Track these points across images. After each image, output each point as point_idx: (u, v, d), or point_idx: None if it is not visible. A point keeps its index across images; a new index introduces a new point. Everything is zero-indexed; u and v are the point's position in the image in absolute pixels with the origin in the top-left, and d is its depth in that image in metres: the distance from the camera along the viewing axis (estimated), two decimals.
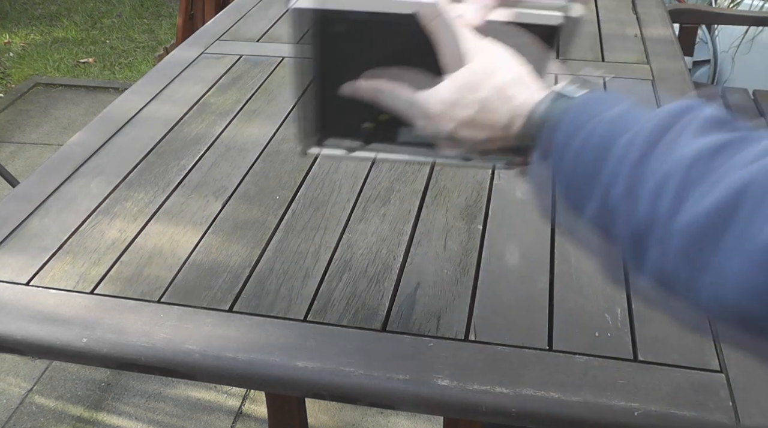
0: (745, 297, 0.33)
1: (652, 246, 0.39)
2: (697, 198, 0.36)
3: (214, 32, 1.37)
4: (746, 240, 0.33)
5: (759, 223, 0.33)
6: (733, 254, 0.34)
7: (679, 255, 0.37)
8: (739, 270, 0.33)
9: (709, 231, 0.35)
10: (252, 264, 0.78)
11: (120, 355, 0.67)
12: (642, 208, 0.39)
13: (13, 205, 0.88)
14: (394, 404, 0.64)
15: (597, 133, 0.45)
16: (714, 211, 0.35)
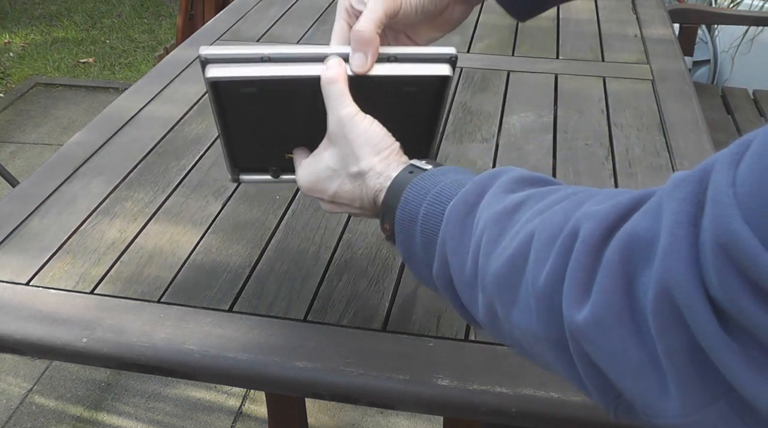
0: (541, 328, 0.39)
1: (479, 294, 0.45)
2: (500, 251, 0.42)
3: (214, 32, 1.37)
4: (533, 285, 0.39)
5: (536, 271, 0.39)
6: (528, 294, 0.39)
7: (494, 296, 0.43)
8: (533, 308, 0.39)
9: (509, 279, 0.41)
10: (252, 264, 0.78)
11: (120, 355, 0.67)
12: (468, 262, 0.45)
13: (13, 205, 0.88)
14: (394, 404, 0.64)
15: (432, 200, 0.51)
16: (510, 261, 0.41)
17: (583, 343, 0.36)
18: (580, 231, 0.37)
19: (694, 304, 0.30)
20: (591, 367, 0.37)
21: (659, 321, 0.32)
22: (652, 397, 0.34)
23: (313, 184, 0.62)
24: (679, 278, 0.31)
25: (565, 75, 1.20)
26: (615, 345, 0.34)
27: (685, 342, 0.31)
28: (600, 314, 0.34)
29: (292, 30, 1.38)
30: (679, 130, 1.03)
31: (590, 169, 0.94)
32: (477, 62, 1.24)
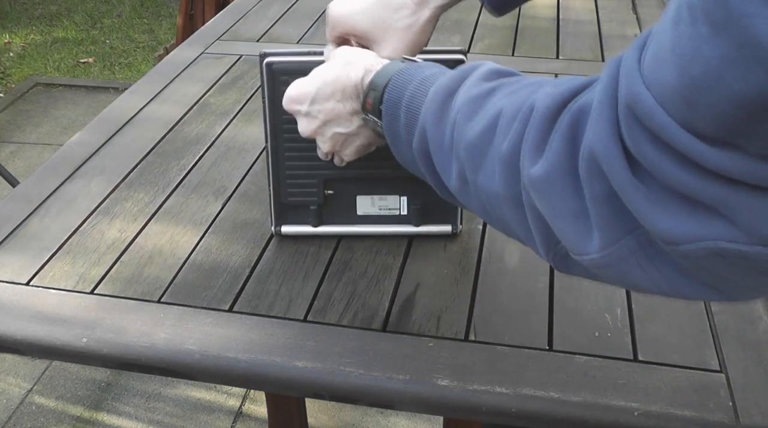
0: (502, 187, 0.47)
1: (453, 162, 0.52)
2: (473, 125, 0.50)
3: (214, 32, 1.37)
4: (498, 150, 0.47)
5: (501, 139, 0.47)
6: (493, 159, 0.47)
7: (465, 163, 0.50)
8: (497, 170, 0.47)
9: (479, 147, 0.49)
10: (252, 264, 0.78)
11: (120, 355, 0.67)
12: (446, 135, 0.53)
13: (13, 205, 0.88)
14: (394, 404, 0.64)
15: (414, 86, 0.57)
16: (481, 132, 0.49)
17: (533, 195, 0.44)
18: (536, 105, 0.44)
19: (610, 157, 0.38)
20: (538, 218, 0.45)
21: (586, 174, 0.40)
22: (581, 239, 0.42)
23: (297, 90, 0.66)
24: (601, 136, 0.38)
25: (565, 75, 1.20)
26: (558, 194, 0.42)
27: (604, 190, 0.39)
28: (548, 168, 0.42)
29: (292, 30, 1.38)
30: None
31: None
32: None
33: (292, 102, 0.67)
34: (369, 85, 0.61)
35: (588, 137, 0.40)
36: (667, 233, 0.37)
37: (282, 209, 0.80)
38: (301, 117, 0.67)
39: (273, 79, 0.73)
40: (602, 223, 0.41)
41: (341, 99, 0.63)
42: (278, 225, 0.81)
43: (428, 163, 0.56)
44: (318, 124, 0.66)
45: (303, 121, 0.67)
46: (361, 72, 0.62)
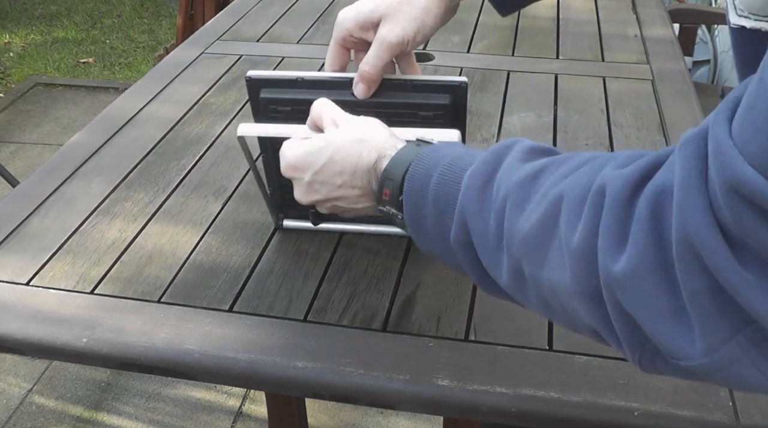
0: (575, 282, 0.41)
1: (504, 256, 0.47)
2: (528, 214, 0.44)
3: (214, 32, 1.37)
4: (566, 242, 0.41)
5: (569, 229, 0.41)
6: (561, 252, 0.42)
7: (522, 257, 0.45)
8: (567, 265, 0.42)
9: (540, 239, 0.43)
10: (252, 264, 0.78)
11: (120, 355, 0.67)
12: (491, 226, 0.47)
13: (13, 205, 0.88)
14: (394, 404, 0.64)
15: (440, 173, 0.52)
16: (540, 222, 0.43)
17: (617, 292, 0.39)
18: (607, 189, 0.40)
19: (711, 247, 0.34)
20: (623, 315, 0.39)
21: (682, 267, 0.35)
22: (679, 340, 0.37)
23: (299, 158, 0.61)
24: (696, 226, 0.34)
25: (565, 75, 1.20)
26: (648, 292, 0.37)
27: (706, 284, 0.35)
28: (635, 264, 0.37)
29: (292, 30, 1.38)
30: (679, 130, 1.03)
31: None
32: (477, 62, 1.24)
33: (292, 169, 0.62)
34: (384, 174, 0.56)
35: (680, 226, 0.35)
36: None
37: (281, 206, 0.81)
38: (300, 184, 0.62)
39: (253, 91, 0.74)
40: (706, 322, 0.36)
41: (350, 180, 0.58)
42: (280, 220, 0.82)
43: (470, 256, 0.51)
44: (320, 196, 0.61)
45: (302, 189, 0.62)
46: (375, 155, 0.57)
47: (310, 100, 0.69)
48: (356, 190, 0.59)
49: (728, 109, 0.34)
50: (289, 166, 0.62)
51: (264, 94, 0.74)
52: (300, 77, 0.72)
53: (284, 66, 1.24)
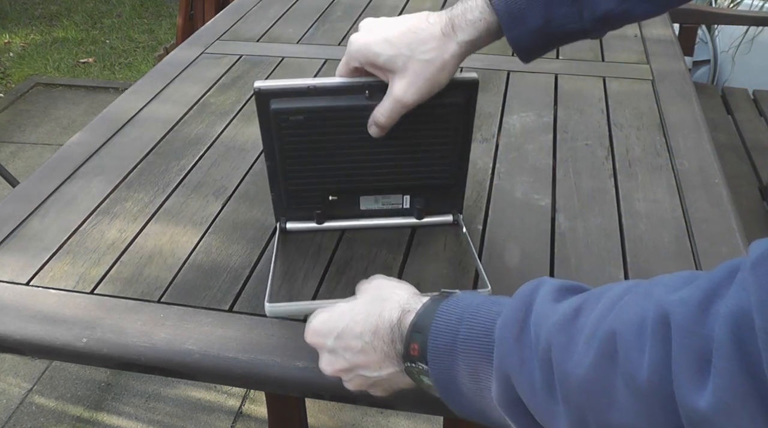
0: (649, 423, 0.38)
1: (560, 407, 0.42)
2: (578, 358, 0.41)
3: (214, 32, 1.37)
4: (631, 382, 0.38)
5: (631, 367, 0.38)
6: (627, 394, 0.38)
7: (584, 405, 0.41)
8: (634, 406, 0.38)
9: (599, 383, 0.40)
10: (252, 264, 0.78)
11: (120, 355, 0.67)
12: (536, 376, 0.43)
13: (13, 205, 0.88)
14: (394, 404, 0.64)
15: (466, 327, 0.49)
16: (594, 365, 0.40)
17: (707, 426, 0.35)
18: (671, 317, 0.36)
19: None
20: None
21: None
22: None
23: (321, 323, 0.59)
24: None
25: (565, 75, 1.20)
26: (744, 426, 0.34)
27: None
28: (724, 398, 0.34)
29: (293, 30, 1.38)
30: (679, 130, 1.03)
31: (590, 169, 0.94)
32: (477, 62, 1.24)
33: (315, 335, 0.59)
34: (412, 328, 0.52)
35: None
36: None
37: (285, 209, 0.81)
38: (324, 353, 0.59)
39: (263, 102, 0.72)
40: None
41: (371, 341, 0.55)
42: (283, 223, 0.82)
43: (520, 412, 0.46)
44: (344, 364, 0.57)
45: (326, 358, 0.59)
46: (397, 312, 0.54)
47: (322, 108, 0.70)
48: (378, 354, 0.55)
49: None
50: (313, 332, 0.59)
51: (275, 104, 0.71)
52: (311, 85, 0.71)
53: (284, 66, 1.24)
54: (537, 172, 0.94)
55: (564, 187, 0.91)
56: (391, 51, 0.64)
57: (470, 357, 0.48)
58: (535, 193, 0.89)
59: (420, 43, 0.63)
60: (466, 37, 0.63)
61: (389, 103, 0.67)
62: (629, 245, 0.80)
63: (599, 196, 0.89)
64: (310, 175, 0.78)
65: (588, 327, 0.41)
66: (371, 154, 0.76)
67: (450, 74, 0.66)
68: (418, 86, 0.64)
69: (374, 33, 0.66)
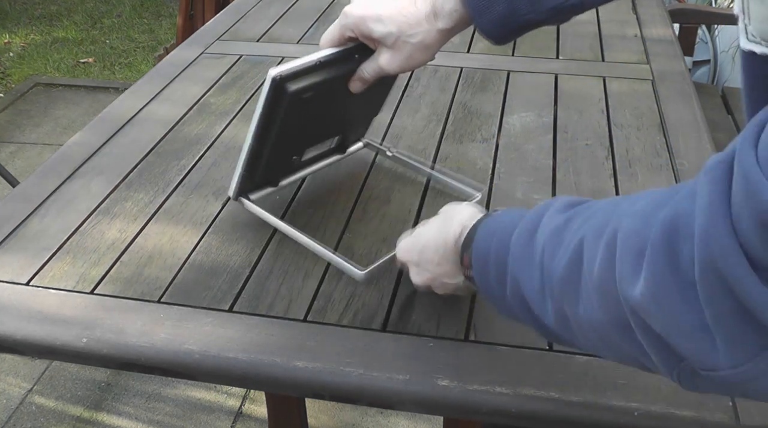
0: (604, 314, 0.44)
1: (548, 302, 0.50)
2: (558, 259, 0.49)
3: (214, 32, 1.38)
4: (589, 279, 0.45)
5: (590, 266, 0.45)
6: (588, 289, 0.45)
7: (562, 299, 0.49)
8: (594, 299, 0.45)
9: (571, 280, 0.47)
10: (252, 264, 0.78)
11: (120, 355, 0.67)
12: (536, 276, 0.51)
13: (13, 205, 0.88)
14: (394, 404, 0.64)
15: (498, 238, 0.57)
16: (568, 265, 0.47)
17: (642, 316, 0.41)
18: (620, 225, 0.43)
19: (737, 272, 0.34)
20: (652, 337, 0.41)
21: (706, 290, 0.36)
22: (706, 355, 0.38)
23: (408, 242, 0.70)
24: (722, 251, 0.35)
25: (565, 75, 1.20)
26: (668, 313, 0.39)
27: (731, 306, 0.36)
28: (651, 288, 0.39)
29: (293, 30, 1.38)
30: (679, 130, 1.03)
31: (590, 169, 0.94)
32: (477, 62, 1.24)
33: (405, 252, 0.70)
34: (463, 242, 0.62)
35: (704, 250, 0.36)
36: None
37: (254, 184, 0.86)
38: (413, 266, 0.69)
39: (278, 88, 0.75)
40: (731, 341, 0.37)
41: (443, 255, 0.65)
42: (246, 197, 0.85)
43: (525, 308, 0.54)
44: (428, 275, 0.68)
45: (414, 271, 0.69)
46: (458, 228, 0.63)
47: (328, 80, 0.77)
48: (451, 264, 0.64)
49: (755, 133, 0.35)
50: (402, 251, 0.71)
51: (292, 86, 0.75)
52: (319, 60, 0.76)
53: None
54: (537, 172, 0.94)
55: (564, 187, 0.91)
56: (383, 29, 0.73)
57: (498, 263, 0.56)
58: (535, 193, 0.90)
59: (408, 27, 0.72)
60: (445, 25, 0.72)
61: (375, 68, 0.77)
62: None
63: (599, 196, 0.88)
64: (292, 144, 0.85)
65: (570, 233, 0.49)
66: (339, 111, 0.87)
67: (431, 55, 0.75)
68: (401, 61, 0.75)
69: (368, 8, 0.74)
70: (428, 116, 1.08)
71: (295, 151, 0.88)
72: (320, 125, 0.88)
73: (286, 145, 0.85)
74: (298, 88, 0.75)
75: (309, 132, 0.87)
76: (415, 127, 1.05)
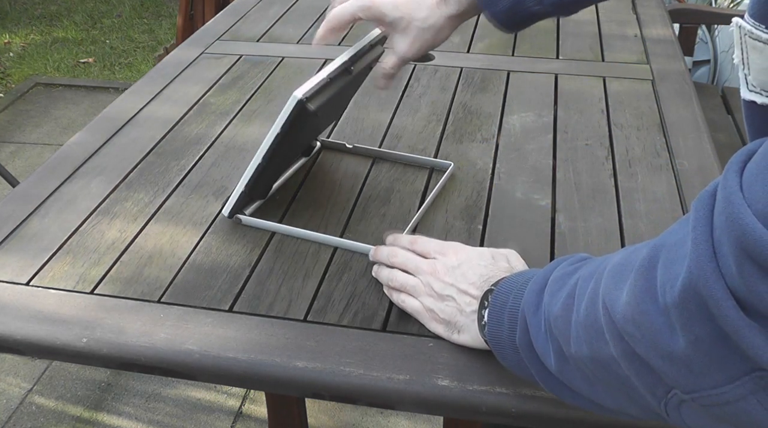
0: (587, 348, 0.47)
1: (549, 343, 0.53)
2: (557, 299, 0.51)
3: (214, 32, 1.38)
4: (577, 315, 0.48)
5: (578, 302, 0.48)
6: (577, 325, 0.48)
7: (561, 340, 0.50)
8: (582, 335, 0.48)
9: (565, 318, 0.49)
10: (252, 264, 0.78)
11: (120, 355, 0.67)
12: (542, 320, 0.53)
13: (13, 205, 0.88)
14: (394, 404, 0.64)
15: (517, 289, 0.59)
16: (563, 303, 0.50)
17: (626, 338, 0.42)
18: (611, 262, 0.45)
19: (716, 294, 0.35)
20: (636, 361, 0.42)
21: (685, 314, 0.37)
22: (686, 377, 0.39)
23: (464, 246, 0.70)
24: (702, 273, 0.35)
25: (565, 75, 1.20)
26: (647, 335, 0.40)
27: (710, 332, 0.36)
28: (632, 311, 0.40)
29: (293, 30, 1.38)
30: (679, 130, 1.03)
31: (590, 169, 0.94)
32: (477, 62, 1.24)
33: (450, 247, 0.70)
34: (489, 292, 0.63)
35: (687, 274, 0.37)
36: None
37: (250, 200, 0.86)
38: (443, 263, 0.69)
39: (301, 108, 0.74)
40: (711, 366, 0.37)
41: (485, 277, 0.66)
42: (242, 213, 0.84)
43: (531, 354, 0.55)
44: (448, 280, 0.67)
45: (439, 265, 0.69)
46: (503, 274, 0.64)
47: (333, 95, 0.79)
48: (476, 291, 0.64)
49: (741, 160, 0.36)
50: (447, 245, 0.70)
51: (312, 106, 0.75)
52: (330, 76, 0.78)
53: (284, 66, 1.24)
54: (537, 172, 0.94)
55: (564, 187, 0.91)
56: (396, 14, 0.77)
57: (512, 312, 0.58)
58: (535, 193, 0.90)
59: (419, 11, 0.76)
60: (454, 11, 0.76)
61: (397, 59, 0.80)
62: (629, 245, 0.80)
63: (599, 196, 0.89)
64: (291, 157, 0.89)
65: (572, 278, 0.51)
66: (327, 119, 0.92)
67: (443, 39, 0.79)
68: (417, 47, 0.78)
69: None
70: (428, 116, 1.08)
71: (290, 163, 0.91)
72: (311, 135, 0.92)
73: (287, 159, 0.87)
74: (317, 107, 0.76)
75: (302, 143, 0.90)
76: (415, 127, 1.05)
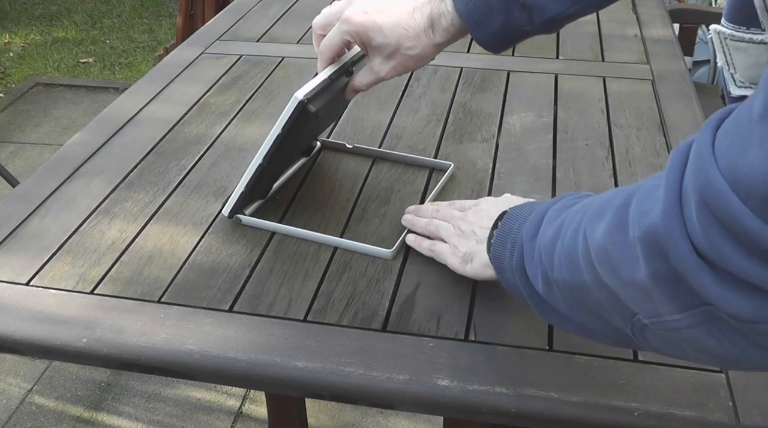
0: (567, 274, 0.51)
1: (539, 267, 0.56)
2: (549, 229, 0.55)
3: (214, 32, 1.38)
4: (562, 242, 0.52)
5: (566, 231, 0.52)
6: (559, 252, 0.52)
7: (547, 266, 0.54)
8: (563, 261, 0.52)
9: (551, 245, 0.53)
10: (252, 264, 0.78)
11: (120, 355, 0.67)
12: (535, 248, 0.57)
13: (13, 205, 0.88)
14: (394, 404, 0.64)
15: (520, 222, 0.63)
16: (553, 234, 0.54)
17: (596, 264, 0.45)
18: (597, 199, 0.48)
19: (675, 236, 0.38)
20: (605, 288, 0.46)
21: (647, 249, 0.40)
22: (647, 305, 0.42)
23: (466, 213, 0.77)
24: (667, 216, 0.38)
25: (565, 75, 1.20)
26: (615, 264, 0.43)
27: (667, 269, 0.39)
28: (604, 242, 0.44)
29: (293, 30, 1.38)
30: (679, 130, 1.03)
31: (590, 169, 0.94)
32: (477, 62, 1.24)
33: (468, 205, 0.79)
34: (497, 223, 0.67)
35: (650, 217, 0.40)
36: (740, 314, 0.37)
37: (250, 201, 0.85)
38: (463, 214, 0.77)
39: (303, 110, 0.75)
40: (666, 299, 0.40)
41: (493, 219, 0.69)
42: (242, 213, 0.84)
43: (524, 277, 0.58)
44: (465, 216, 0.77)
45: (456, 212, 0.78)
46: None
47: (333, 97, 0.79)
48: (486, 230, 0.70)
49: (718, 118, 0.38)
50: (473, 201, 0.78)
51: (313, 107, 0.76)
52: (331, 77, 0.78)
53: (284, 66, 1.24)
54: (537, 172, 0.94)
55: (564, 187, 0.91)
56: (383, 40, 0.75)
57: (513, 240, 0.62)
58: (535, 193, 0.89)
59: (406, 40, 0.74)
60: (441, 39, 0.75)
61: (372, 77, 0.79)
62: None
63: None
64: (291, 158, 0.89)
65: (565, 210, 0.54)
66: (326, 120, 0.93)
67: (425, 64, 0.79)
68: (397, 70, 0.77)
69: (368, 16, 0.75)
70: (428, 116, 1.08)
71: (290, 163, 0.91)
72: (311, 136, 0.92)
73: (287, 160, 0.87)
74: (318, 108, 0.76)
75: (302, 143, 0.90)
76: (415, 127, 1.05)
